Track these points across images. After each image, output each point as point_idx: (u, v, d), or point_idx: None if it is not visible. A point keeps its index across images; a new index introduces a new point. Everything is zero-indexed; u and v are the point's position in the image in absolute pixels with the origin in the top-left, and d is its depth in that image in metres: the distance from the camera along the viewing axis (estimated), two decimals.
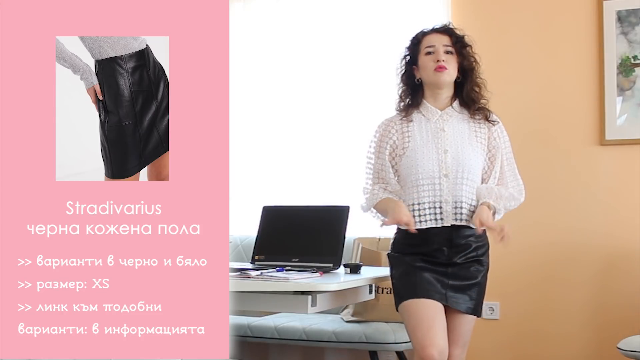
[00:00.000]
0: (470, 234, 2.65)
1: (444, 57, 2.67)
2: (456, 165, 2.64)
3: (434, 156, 2.66)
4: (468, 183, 2.65)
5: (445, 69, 2.66)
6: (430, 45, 2.69)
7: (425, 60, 2.69)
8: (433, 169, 2.64)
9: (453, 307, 2.62)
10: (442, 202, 2.63)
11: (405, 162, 2.69)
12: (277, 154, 4.39)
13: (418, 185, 2.65)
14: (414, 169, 2.66)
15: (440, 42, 2.69)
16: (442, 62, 2.66)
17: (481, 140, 2.72)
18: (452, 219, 2.63)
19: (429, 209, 2.64)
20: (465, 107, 2.74)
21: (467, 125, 2.72)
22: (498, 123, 2.76)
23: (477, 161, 2.69)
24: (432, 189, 2.64)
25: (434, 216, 2.63)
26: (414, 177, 2.66)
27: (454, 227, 2.64)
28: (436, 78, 2.68)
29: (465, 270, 2.65)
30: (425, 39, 2.72)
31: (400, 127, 2.73)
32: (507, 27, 3.94)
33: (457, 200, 2.63)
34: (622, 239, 3.68)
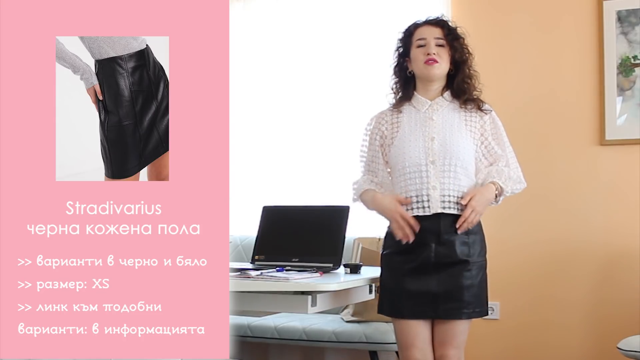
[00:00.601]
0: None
1: (435, 49, 2.66)
2: (443, 152, 2.62)
3: (420, 143, 2.64)
4: (457, 170, 2.61)
5: (436, 62, 2.65)
6: (421, 37, 2.68)
7: (416, 53, 2.68)
8: (419, 156, 2.62)
9: (447, 318, 2.60)
10: (430, 188, 2.60)
11: (393, 151, 2.69)
12: (277, 154, 4.39)
13: (405, 174, 2.64)
14: (400, 157, 2.65)
15: (432, 34, 2.67)
16: (432, 55, 2.64)
17: (472, 128, 2.69)
18: (440, 207, 2.59)
19: (416, 197, 2.61)
20: (456, 97, 2.72)
21: (458, 115, 2.70)
22: (491, 112, 2.74)
23: (467, 149, 2.65)
24: (419, 177, 2.61)
25: (421, 204, 2.60)
26: (400, 166, 2.65)
27: (442, 218, 2.60)
28: (426, 71, 2.67)
29: (455, 278, 2.59)
30: (417, 31, 2.71)
31: (390, 119, 2.73)
32: (507, 27, 3.95)
33: (444, 188, 2.60)
34: (622, 238, 3.69)
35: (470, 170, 2.67)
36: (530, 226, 3.83)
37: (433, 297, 2.59)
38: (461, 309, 2.60)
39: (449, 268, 2.60)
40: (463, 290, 2.60)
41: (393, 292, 2.66)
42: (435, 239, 2.61)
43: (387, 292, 2.69)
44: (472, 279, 2.62)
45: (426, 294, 2.60)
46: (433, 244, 2.61)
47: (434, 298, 2.59)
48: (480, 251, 2.67)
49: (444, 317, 2.60)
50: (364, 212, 2.86)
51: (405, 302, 2.62)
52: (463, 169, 2.64)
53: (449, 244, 2.61)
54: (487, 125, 2.72)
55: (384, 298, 2.71)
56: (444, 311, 2.60)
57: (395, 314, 2.67)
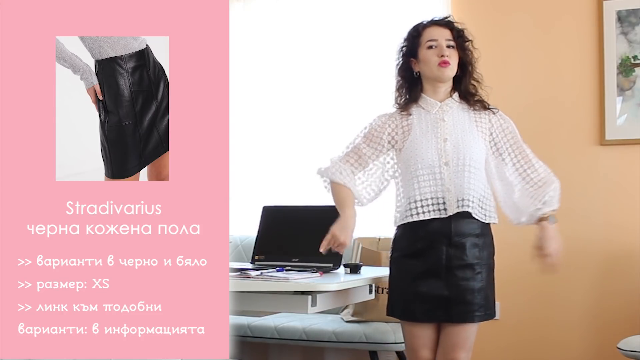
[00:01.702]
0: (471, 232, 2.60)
1: (447, 51, 2.63)
2: (457, 153, 2.60)
3: (432, 145, 2.61)
4: (471, 170, 2.59)
5: (449, 64, 2.63)
6: (432, 39, 2.65)
7: (428, 55, 2.64)
8: (432, 158, 2.60)
9: (460, 322, 2.58)
10: (445, 191, 2.58)
11: (404, 155, 2.65)
12: (277, 154, 4.39)
13: (418, 176, 2.60)
14: (412, 159, 2.62)
15: (443, 36, 2.64)
16: (446, 57, 2.62)
17: (482, 129, 2.68)
18: (456, 208, 2.57)
19: (432, 199, 2.58)
20: (464, 99, 2.71)
21: (468, 115, 2.68)
22: (498, 111, 2.74)
23: (478, 149, 2.64)
24: (432, 180, 2.59)
25: (437, 206, 2.58)
26: (413, 168, 2.61)
27: (454, 220, 2.58)
28: (440, 73, 2.64)
29: (466, 281, 2.58)
30: (427, 31, 2.67)
31: (400, 122, 2.69)
32: (507, 27, 3.95)
33: (459, 190, 2.57)
34: (622, 238, 3.69)
35: (482, 170, 2.66)
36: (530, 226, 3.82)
37: (445, 300, 2.57)
38: (473, 312, 2.58)
39: (460, 270, 2.58)
40: (474, 292, 2.58)
41: (405, 295, 2.63)
42: (446, 242, 2.59)
43: (398, 295, 2.65)
44: (483, 282, 2.61)
45: (438, 297, 2.58)
46: (444, 247, 2.58)
47: (446, 301, 2.57)
48: (489, 253, 2.68)
49: (456, 320, 2.58)
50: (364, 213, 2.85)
51: (419, 305, 2.59)
52: (476, 170, 2.62)
53: (460, 246, 2.59)
54: (495, 125, 2.71)
55: (395, 301, 2.67)
56: (456, 314, 2.58)
57: (407, 317, 2.63)
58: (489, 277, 2.66)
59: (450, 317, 2.58)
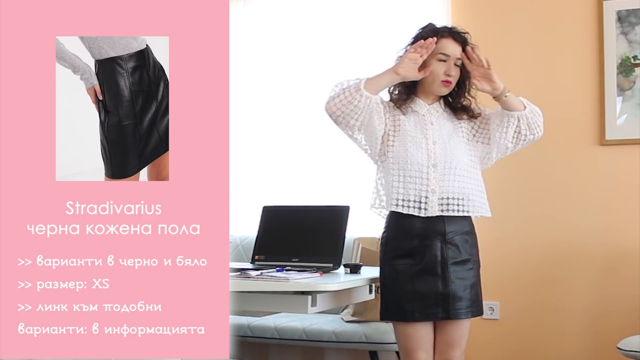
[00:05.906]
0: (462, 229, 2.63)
1: (454, 71, 2.65)
2: (444, 156, 2.63)
3: (423, 145, 2.64)
4: (457, 172, 2.62)
5: (450, 85, 2.66)
6: (445, 52, 2.64)
7: (436, 66, 2.64)
8: (422, 158, 2.62)
9: (457, 318, 2.61)
10: (429, 191, 2.60)
11: (393, 151, 2.66)
12: (277, 154, 4.39)
13: (405, 177, 2.62)
14: (402, 158, 2.64)
15: (455, 53, 2.64)
16: (450, 78, 2.65)
17: (465, 134, 2.70)
18: (438, 210, 2.60)
19: (414, 200, 2.61)
20: (448, 106, 2.73)
21: (452, 123, 2.71)
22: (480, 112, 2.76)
23: (464, 155, 2.67)
24: (419, 179, 2.61)
25: (418, 204, 2.60)
26: (402, 167, 2.63)
27: (447, 219, 2.61)
28: (439, 89, 2.68)
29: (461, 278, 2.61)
30: (442, 42, 2.64)
31: (393, 112, 2.70)
32: (507, 27, 3.95)
33: (443, 191, 2.60)
34: (622, 238, 3.69)
35: (473, 172, 2.68)
36: (530, 225, 3.83)
37: (443, 297, 2.59)
38: (468, 308, 2.62)
39: (455, 267, 2.61)
40: (468, 289, 2.62)
41: (401, 296, 2.63)
42: (441, 239, 2.62)
43: (393, 297, 2.65)
44: (474, 277, 2.67)
45: (435, 295, 2.59)
46: (439, 244, 2.61)
47: (444, 298, 2.59)
48: (477, 250, 2.72)
49: (454, 317, 2.60)
50: (364, 213, 2.86)
51: (416, 305, 2.60)
52: (464, 171, 2.65)
53: (454, 243, 2.63)
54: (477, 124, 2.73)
55: (389, 303, 2.66)
56: (454, 311, 2.60)
57: (405, 318, 2.63)
58: (478, 273, 2.70)
59: (448, 314, 2.60)
